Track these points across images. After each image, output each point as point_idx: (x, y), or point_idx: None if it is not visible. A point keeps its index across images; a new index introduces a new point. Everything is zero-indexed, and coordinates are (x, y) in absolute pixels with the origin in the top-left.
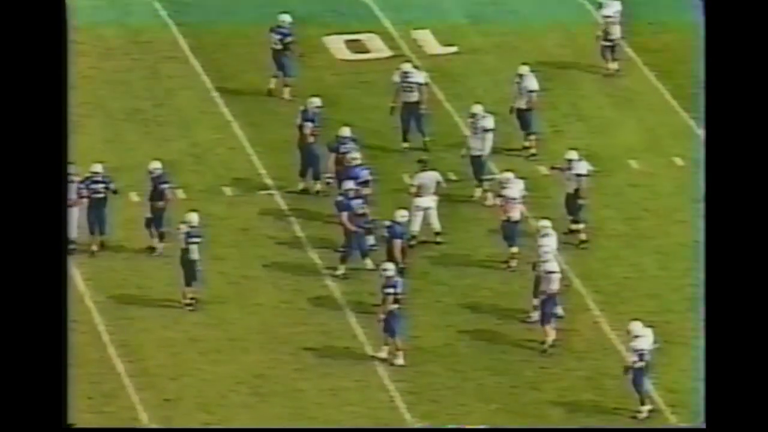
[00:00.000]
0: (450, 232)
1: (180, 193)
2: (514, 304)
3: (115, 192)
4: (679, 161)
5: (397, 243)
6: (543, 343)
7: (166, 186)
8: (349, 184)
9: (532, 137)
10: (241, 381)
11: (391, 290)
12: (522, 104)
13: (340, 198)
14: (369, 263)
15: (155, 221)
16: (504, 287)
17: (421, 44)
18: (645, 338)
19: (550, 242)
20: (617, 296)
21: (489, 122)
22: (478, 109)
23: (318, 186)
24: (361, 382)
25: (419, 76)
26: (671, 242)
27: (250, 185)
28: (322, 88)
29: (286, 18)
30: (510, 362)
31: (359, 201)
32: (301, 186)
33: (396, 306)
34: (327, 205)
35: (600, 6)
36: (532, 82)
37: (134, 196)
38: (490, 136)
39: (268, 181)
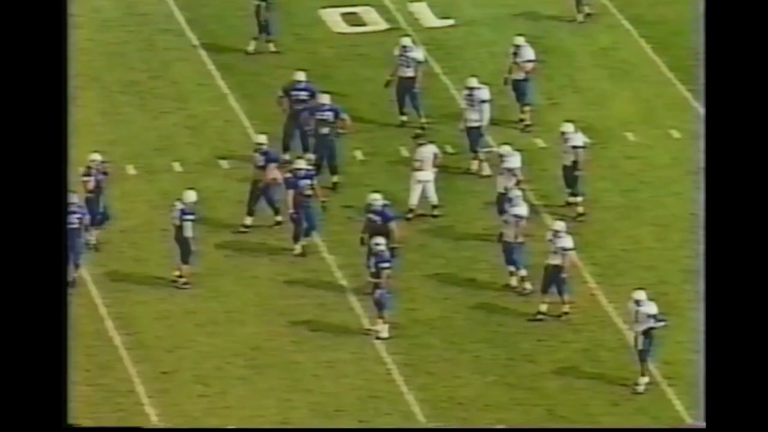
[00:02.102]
0: (447, 205)
1: (176, 167)
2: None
3: (87, 228)
4: (675, 133)
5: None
6: (562, 314)
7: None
8: (301, 163)
9: (528, 109)
10: (237, 353)
11: (387, 264)
12: (518, 75)
13: (288, 175)
14: (297, 248)
15: (104, 214)
16: (500, 259)
17: (417, 17)
18: (651, 305)
19: (520, 211)
20: (614, 268)
21: (485, 93)
22: (473, 82)
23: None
24: (357, 355)
25: (418, 53)
26: (667, 214)
27: (246, 158)
28: (318, 61)
29: None
30: (506, 334)
31: (307, 181)
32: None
33: (389, 279)
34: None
35: None
36: (528, 52)
37: (131, 169)
38: (487, 106)
39: None
